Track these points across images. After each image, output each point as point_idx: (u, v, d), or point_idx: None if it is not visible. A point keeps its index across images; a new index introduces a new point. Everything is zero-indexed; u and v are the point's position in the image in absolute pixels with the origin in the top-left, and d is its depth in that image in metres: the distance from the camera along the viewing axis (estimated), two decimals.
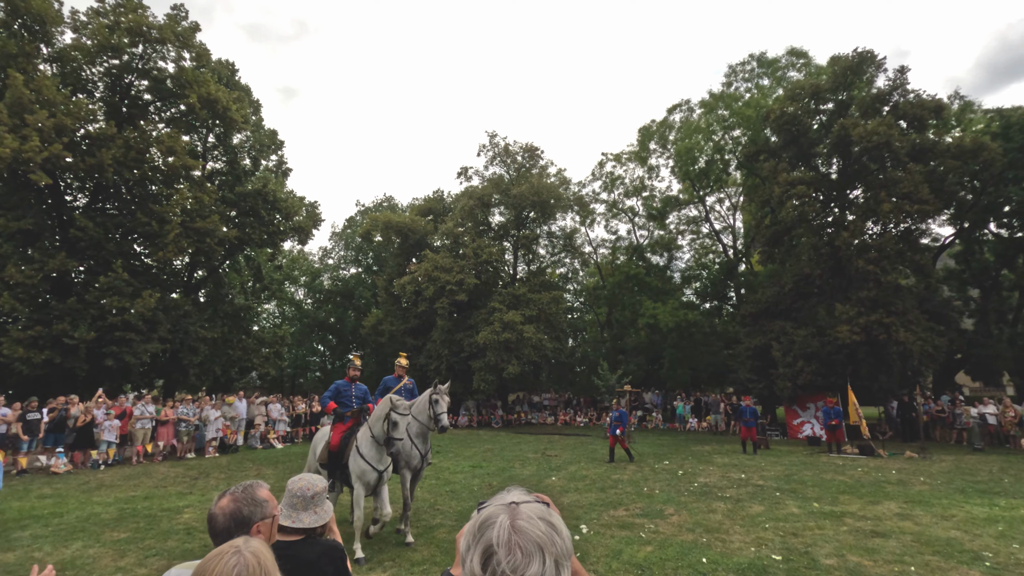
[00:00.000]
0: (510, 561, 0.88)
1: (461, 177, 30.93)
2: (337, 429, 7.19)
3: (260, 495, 1.95)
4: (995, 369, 24.60)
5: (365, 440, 6.66)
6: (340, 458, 6.90)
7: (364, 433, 6.74)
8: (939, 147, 19.69)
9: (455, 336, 26.15)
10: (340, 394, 7.50)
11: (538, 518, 0.95)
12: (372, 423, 6.71)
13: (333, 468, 6.97)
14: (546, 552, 0.90)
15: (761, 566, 5.87)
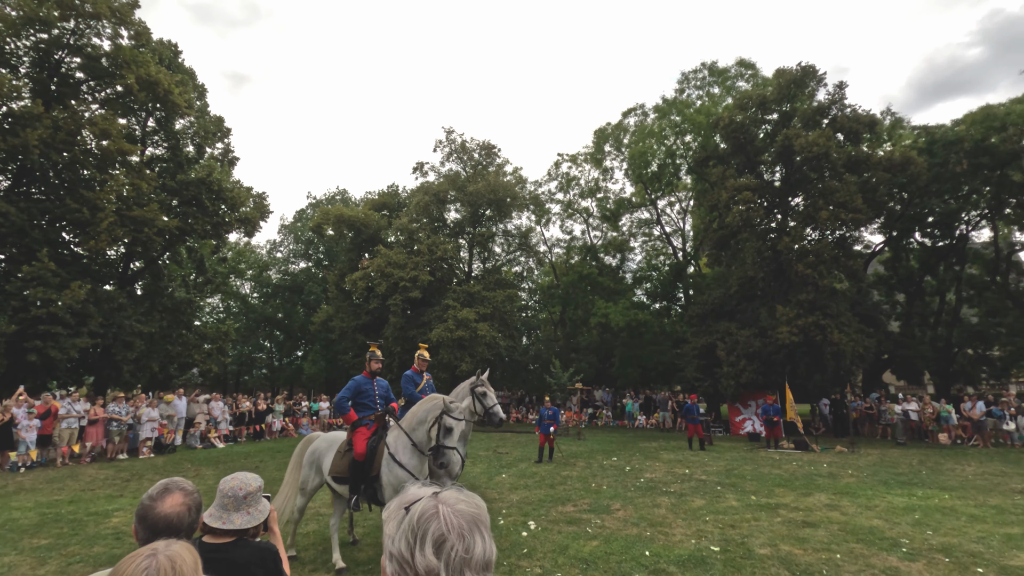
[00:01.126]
0: (463, 544, 0.94)
1: (417, 172, 30.62)
2: (360, 434, 5.91)
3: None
4: (917, 369, 26.36)
5: (402, 446, 5.64)
6: (369, 469, 5.74)
7: (398, 438, 5.71)
8: (872, 160, 20.89)
9: (408, 333, 25.84)
10: (361, 393, 6.27)
11: (462, 499, 1.01)
12: (412, 427, 5.68)
13: (358, 482, 5.77)
14: (482, 527, 0.98)
15: (700, 557, 6.08)
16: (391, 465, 5.56)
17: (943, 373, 25.37)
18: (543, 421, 14.03)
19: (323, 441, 6.37)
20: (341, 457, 5.94)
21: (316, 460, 6.23)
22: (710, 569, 5.73)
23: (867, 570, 5.66)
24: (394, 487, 5.47)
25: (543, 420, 14.05)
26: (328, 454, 6.11)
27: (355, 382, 6.30)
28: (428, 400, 5.75)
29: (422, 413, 5.68)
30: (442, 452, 5.35)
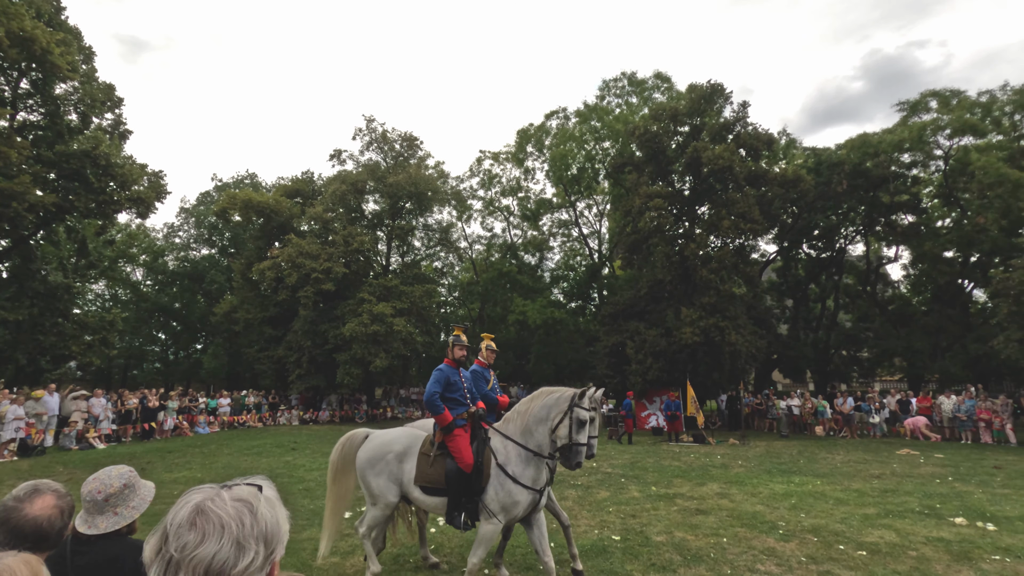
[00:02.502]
0: (179, 543, 0.86)
1: (334, 160, 29.46)
2: (463, 439, 4.87)
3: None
4: (800, 368, 29.06)
5: (514, 456, 4.79)
6: (478, 481, 4.76)
7: (507, 446, 4.87)
8: (769, 175, 22.71)
9: (319, 327, 24.82)
10: (451, 385, 5.15)
11: (235, 500, 0.93)
12: (526, 430, 4.86)
13: (461, 496, 4.78)
14: (227, 532, 0.88)
15: (602, 547, 6.34)
16: (502, 479, 4.70)
17: (822, 372, 28.14)
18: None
19: (402, 444, 5.13)
20: (431, 464, 4.91)
21: (386, 469, 5.00)
22: (610, 558, 5.98)
23: (749, 552, 6.15)
24: (504, 506, 4.66)
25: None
26: (408, 459, 5.02)
27: (442, 373, 5.12)
28: (543, 395, 4.93)
29: (540, 411, 4.84)
30: (576, 450, 4.63)
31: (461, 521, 4.74)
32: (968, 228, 23.16)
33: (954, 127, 22.64)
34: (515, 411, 5.04)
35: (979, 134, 22.67)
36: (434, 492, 4.88)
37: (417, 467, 4.95)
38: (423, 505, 5.01)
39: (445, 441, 4.90)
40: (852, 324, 29.74)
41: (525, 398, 5.10)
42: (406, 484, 4.96)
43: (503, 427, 5.02)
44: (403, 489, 5.00)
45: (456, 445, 4.80)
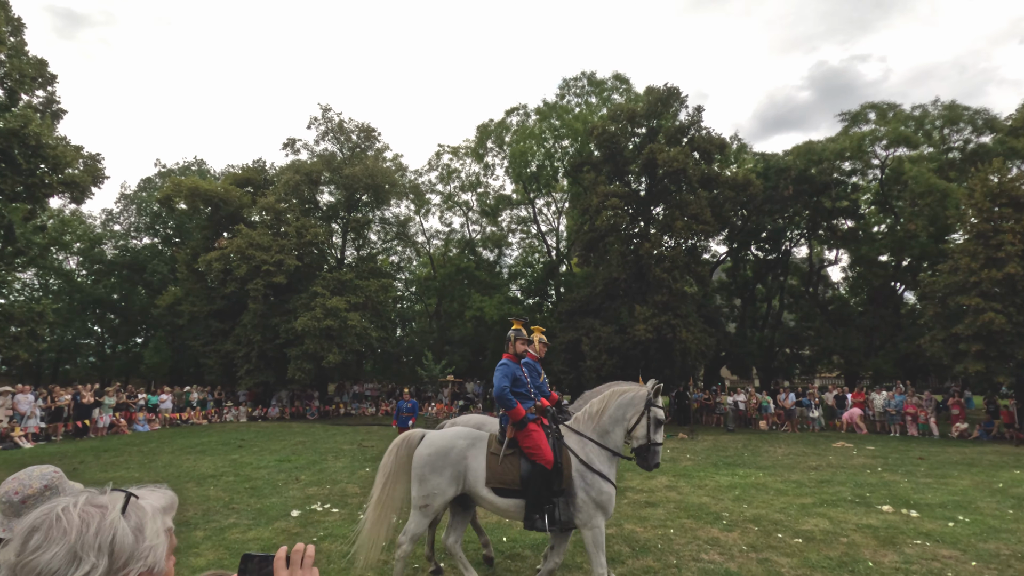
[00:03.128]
0: (23, 548, 0.82)
1: (287, 149, 28.58)
2: (537, 433, 4.62)
3: None
4: (747, 364, 30.26)
5: (595, 453, 4.68)
6: (560, 480, 4.52)
7: (581, 443, 4.75)
8: (721, 178, 23.46)
9: (270, 321, 24.07)
10: (516, 380, 4.89)
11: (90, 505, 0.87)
12: (603, 429, 4.74)
13: (543, 496, 4.50)
14: (65, 540, 0.83)
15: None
16: (590, 477, 4.54)
17: (767, 368, 29.36)
18: (401, 414, 13.36)
19: (452, 438, 4.81)
20: (502, 462, 4.59)
21: (451, 465, 4.63)
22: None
23: (694, 541, 6.37)
24: (601, 504, 4.53)
25: (401, 413, 13.37)
26: (475, 457, 4.67)
27: (508, 367, 4.86)
28: (616, 394, 4.80)
29: (616, 411, 4.73)
30: (654, 451, 4.54)
31: (545, 524, 4.43)
32: (901, 234, 24.62)
33: (890, 138, 23.99)
34: (587, 411, 4.93)
35: (912, 146, 24.12)
36: (508, 494, 4.57)
37: (487, 467, 4.61)
38: (494, 508, 4.69)
39: (518, 438, 4.63)
40: (795, 323, 31.15)
41: (596, 397, 4.98)
42: (473, 484, 4.60)
43: (577, 426, 4.90)
44: (469, 490, 4.65)
45: (533, 441, 4.55)
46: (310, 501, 8.47)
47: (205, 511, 7.79)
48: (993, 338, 15.66)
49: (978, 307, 15.84)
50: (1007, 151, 21.67)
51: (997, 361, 15.77)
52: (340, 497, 8.76)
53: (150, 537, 0.88)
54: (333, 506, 8.15)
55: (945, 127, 24.45)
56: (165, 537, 0.93)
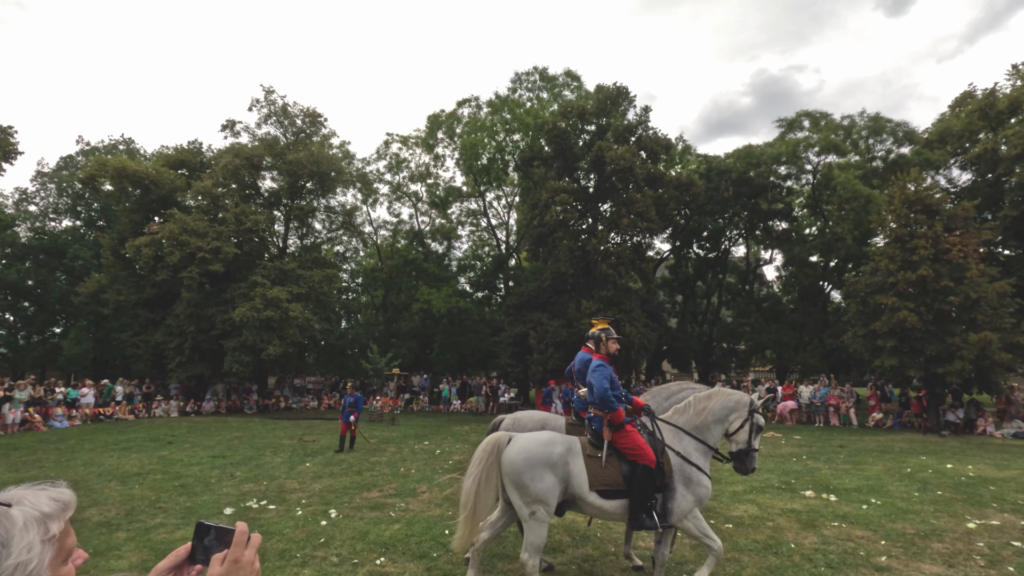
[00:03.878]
0: None
1: (226, 131, 27.17)
2: (636, 434, 4.64)
3: None
4: (687, 358, 31.40)
5: (694, 450, 4.79)
6: (662, 477, 4.57)
7: (677, 436, 4.85)
8: (666, 178, 24.14)
9: (205, 311, 22.94)
10: (613, 383, 4.83)
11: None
12: (703, 426, 4.86)
13: (648, 495, 4.50)
14: None
15: None
16: (689, 471, 4.63)
17: (705, 363, 30.58)
18: (344, 408, 13.11)
19: (546, 442, 4.62)
20: (603, 465, 4.57)
21: (552, 470, 4.46)
22: (503, 542, 6.12)
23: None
24: (700, 498, 4.64)
25: (344, 407, 13.11)
26: (575, 461, 4.55)
27: (607, 369, 4.81)
28: (720, 395, 4.94)
29: (720, 411, 4.85)
30: (752, 456, 4.78)
31: (655, 521, 4.46)
32: (829, 236, 26.14)
33: (821, 145, 25.40)
34: (687, 405, 5.02)
35: (841, 153, 25.62)
36: (613, 495, 4.54)
37: (588, 470, 4.53)
38: (600, 510, 4.62)
39: (616, 439, 4.63)
40: (732, 319, 32.62)
41: (700, 395, 5.07)
42: (578, 489, 4.51)
43: (673, 419, 4.98)
44: (572, 495, 4.56)
45: (633, 442, 4.57)
46: (245, 498, 8.17)
47: (129, 511, 7.37)
48: (906, 335, 16.92)
49: (894, 306, 17.05)
50: (923, 162, 23.38)
51: (909, 356, 17.05)
52: (278, 493, 8.50)
53: (17, 552, 0.80)
54: (270, 503, 7.89)
55: (870, 137, 26.12)
56: (45, 547, 0.85)
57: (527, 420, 5.65)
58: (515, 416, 5.86)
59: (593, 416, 4.81)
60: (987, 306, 16.49)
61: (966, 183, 24.32)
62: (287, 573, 5.23)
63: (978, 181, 23.42)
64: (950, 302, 16.85)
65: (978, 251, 17.59)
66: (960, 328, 16.80)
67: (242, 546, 1.05)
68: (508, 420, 5.83)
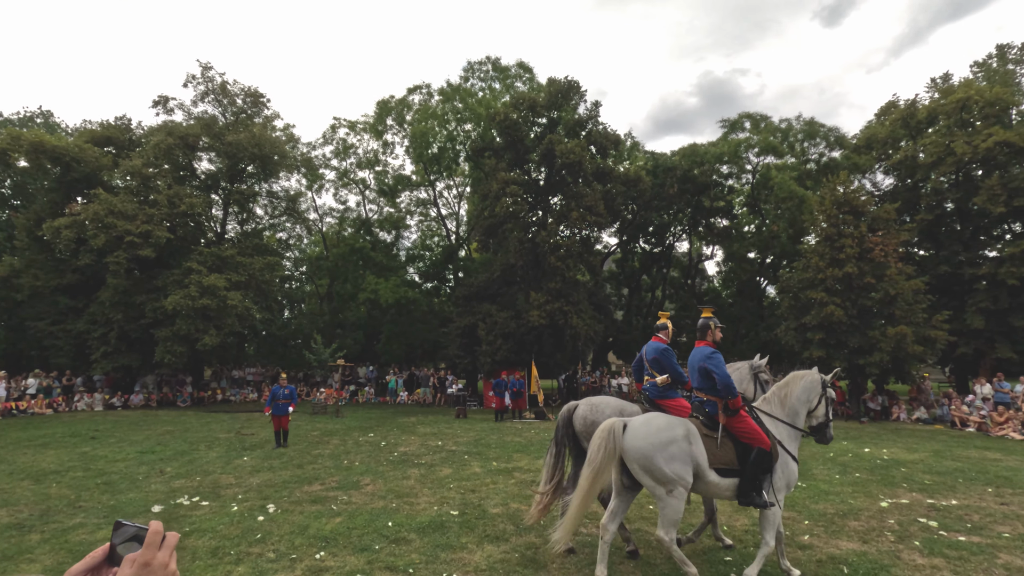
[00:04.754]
0: None
1: (159, 108, 25.56)
2: (749, 419, 4.91)
3: None
4: (632, 350, 32.18)
5: (787, 435, 5.06)
6: (770, 458, 4.81)
7: (774, 424, 5.06)
8: (614, 173, 24.58)
9: (134, 299, 21.63)
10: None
11: None
12: (793, 411, 5.16)
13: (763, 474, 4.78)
14: None
15: (440, 522, 6.45)
16: (785, 457, 4.96)
17: None
18: (277, 401, 12.10)
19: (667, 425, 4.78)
20: (719, 446, 4.84)
21: (681, 452, 4.66)
22: (447, 532, 6.11)
23: None
24: (788, 483, 4.99)
25: (277, 400, 12.10)
26: (696, 443, 4.76)
27: (721, 356, 5.02)
28: (798, 378, 5.24)
29: (802, 394, 5.18)
30: (830, 426, 5.17)
31: (764, 499, 4.73)
32: (766, 234, 27.42)
33: (761, 147, 26.53)
34: (773, 394, 5.33)
35: (778, 155, 26.86)
36: (728, 474, 4.81)
37: (707, 451, 4.79)
38: (716, 488, 4.85)
39: (731, 423, 4.89)
40: (675, 312, 33.67)
41: (779, 383, 5.38)
42: (702, 467, 4.74)
43: (767, 407, 5.25)
44: (697, 471, 4.75)
45: (748, 426, 4.85)
46: (176, 495, 7.79)
47: (44, 511, 6.89)
48: (832, 328, 18.02)
49: (822, 301, 18.11)
50: (851, 166, 24.85)
51: (835, 348, 18.18)
52: (212, 489, 8.15)
53: None
54: (203, 499, 7.56)
55: (805, 140, 27.50)
56: None
57: (604, 406, 5.75)
58: (590, 402, 5.90)
59: (706, 400, 5.08)
60: (903, 302, 17.79)
61: (888, 187, 26.04)
62: (219, 572, 5.02)
63: (899, 186, 25.11)
64: (872, 298, 18.04)
65: (897, 251, 18.91)
66: (880, 322, 18.05)
67: (155, 547, 0.99)
68: (584, 406, 5.86)
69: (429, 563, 5.21)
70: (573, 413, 5.84)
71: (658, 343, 5.76)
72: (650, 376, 5.64)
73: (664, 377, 5.52)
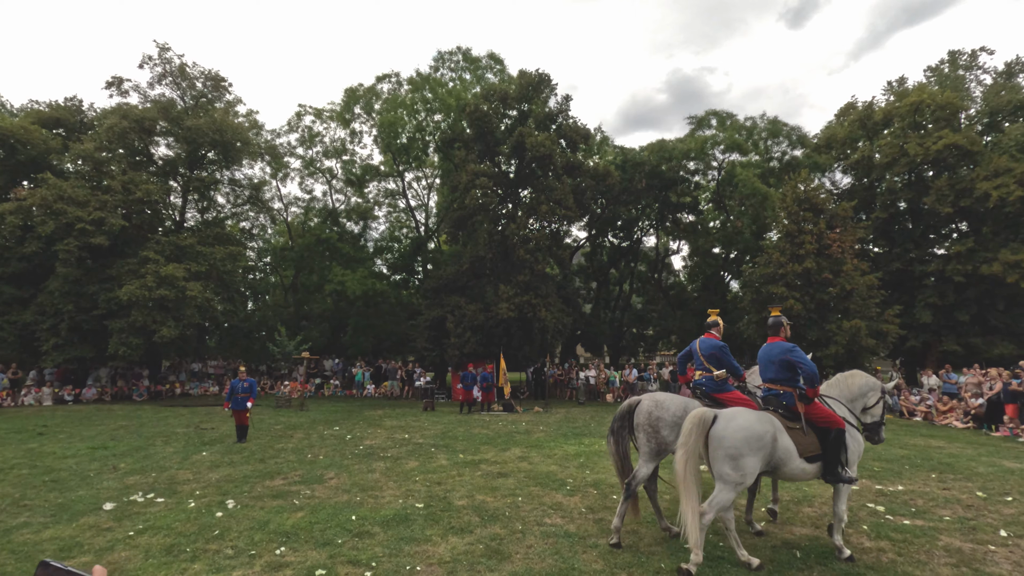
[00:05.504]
0: None
1: (112, 89, 24.42)
2: (823, 406, 5.39)
3: None
4: (599, 343, 32.59)
5: (845, 411, 5.58)
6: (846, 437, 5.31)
7: (839, 407, 5.57)
8: (584, 167, 24.71)
9: (86, 288, 20.73)
10: None
11: None
12: (852, 396, 5.66)
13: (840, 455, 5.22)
14: None
15: (405, 515, 6.41)
16: (854, 433, 5.41)
17: (616, 347, 31.94)
18: (236, 395, 11.65)
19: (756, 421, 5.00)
20: (805, 435, 5.18)
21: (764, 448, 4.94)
22: (412, 525, 6.07)
23: (540, 507, 6.76)
24: (859, 457, 5.46)
25: (236, 394, 11.66)
26: (782, 437, 5.07)
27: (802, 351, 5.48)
28: (858, 375, 5.71)
29: (861, 388, 5.64)
30: (881, 428, 5.62)
31: (848, 475, 5.16)
32: (730, 230, 28.04)
33: (726, 144, 27.06)
34: (836, 381, 5.80)
35: (743, 152, 27.45)
36: (814, 459, 5.17)
37: (795, 442, 5.10)
38: (804, 474, 5.19)
39: (809, 411, 5.26)
40: (642, 306, 34.21)
41: (844, 374, 5.86)
42: (786, 461, 5.06)
43: (830, 391, 5.71)
44: (775, 466, 5.10)
45: (823, 411, 5.28)
46: (129, 491, 7.53)
47: None
48: (792, 322, 18.59)
49: (783, 295, 18.67)
50: (812, 164, 25.60)
51: (794, 341, 18.75)
52: (168, 485, 7.91)
53: None
54: (158, 495, 7.33)
55: (769, 139, 28.18)
56: None
57: (670, 403, 5.79)
58: (654, 398, 5.90)
59: (782, 392, 5.40)
60: (858, 297, 18.48)
61: (846, 186, 26.95)
62: (174, 569, 4.87)
63: (856, 184, 26.02)
64: (829, 293, 18.68)
65: (853, 248, 19.62)
66: (836, 316, 18.71)
67: None
68: (648, 402, 5.85)
69: (392, 556, 5.17)
70: (636, 407, 5.92)
71: (712, 339, 6.08)
72: (705, 371, 5.96)
73: (721, 372, 5.88)
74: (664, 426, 5.59)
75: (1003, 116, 24.07)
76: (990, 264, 20.59)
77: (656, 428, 5.61)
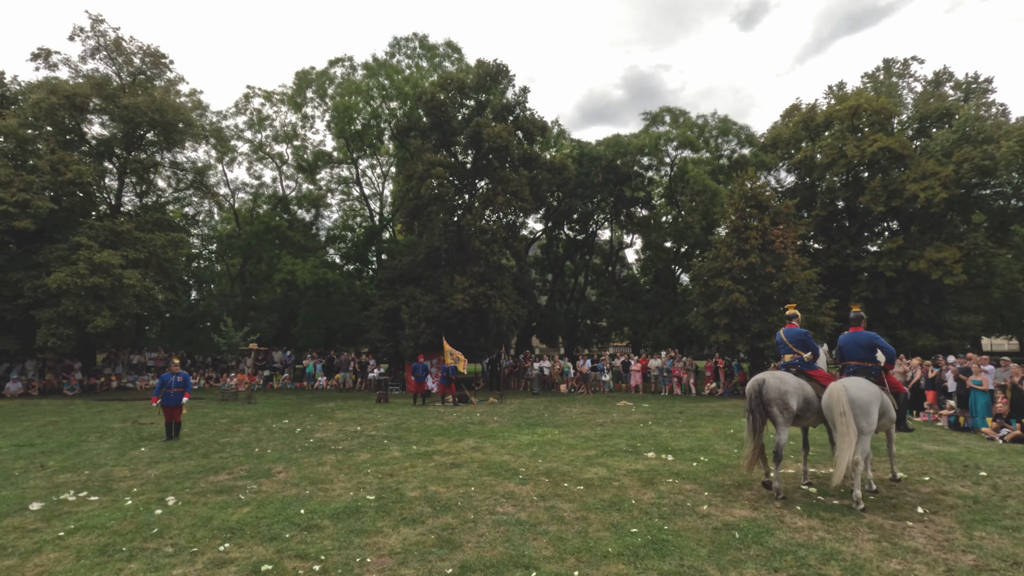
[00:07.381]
0: None
1: (39, 61, 22.77)
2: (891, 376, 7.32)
3: None
4: (555, 334, 33.00)
5: None
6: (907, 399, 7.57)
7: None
8: (540, 160, 24.82)
9: (10, 276, 19.38)
10: None
11: None
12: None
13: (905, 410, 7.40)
14: None
15: (355, 507, 6.33)
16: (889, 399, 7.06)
17: (571, 338, 32.39)
18: (168, 390, 10.74)
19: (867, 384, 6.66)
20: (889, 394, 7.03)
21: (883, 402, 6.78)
22: (363, 517, 6.01)
23: (492, 497, 6.82)
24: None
25: (168, 388, 10.74)
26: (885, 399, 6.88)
27: None
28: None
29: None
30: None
31: (907, 425, 7.47)
32: (681, 225, 28.82)
33: (679, 140, 27.75)
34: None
35: (695, 149, 28.23)
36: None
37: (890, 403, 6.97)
38: (890, 422, 7.11)
39: (886, 379, 7.12)
40: (596, 298, 34.79)
41: None
42: (885, 411, 6.83)
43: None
44: (883, 412, 6.79)
45: (894, 380, 7.30)
46: (59, 490, 7.14)
47: None
48: (737, 314, 19.34)
49: (728, 288, 19.38)
50: (759, 163, 26.59)
51: (739, 333, 19.55)
52: (102, 482, 7.53)
53: None
54: (92, 493, 6.97)
55: (719, 137, 29.07)
56: None
57: (788, 378, 7.03)
58: (774, 374, 7.08)
59: (871, 366, 7.02)
60: (798, 291, 19.38)
61: (790, 184, 28.17)
62: (108, 570, 4.66)
63: (798, 183, 27.23)
64: (772, 286, 19.51)
65: (795, 243, 20.54)
66: (778, 309, 19.56)
67: None
68: (772, 379, 6.95)
69: (342, 549, 5.12)
70: (764, 384, 6.92)
71: (796, 328, 7.65)
72: (793, 354, 7.45)
73: (809, 354, 7.39)
74: (791, 397, 6.81)
75: (931, 122, 25.69)
76: (917, 261, 22.02)
77: (785, 400, 6.78)
